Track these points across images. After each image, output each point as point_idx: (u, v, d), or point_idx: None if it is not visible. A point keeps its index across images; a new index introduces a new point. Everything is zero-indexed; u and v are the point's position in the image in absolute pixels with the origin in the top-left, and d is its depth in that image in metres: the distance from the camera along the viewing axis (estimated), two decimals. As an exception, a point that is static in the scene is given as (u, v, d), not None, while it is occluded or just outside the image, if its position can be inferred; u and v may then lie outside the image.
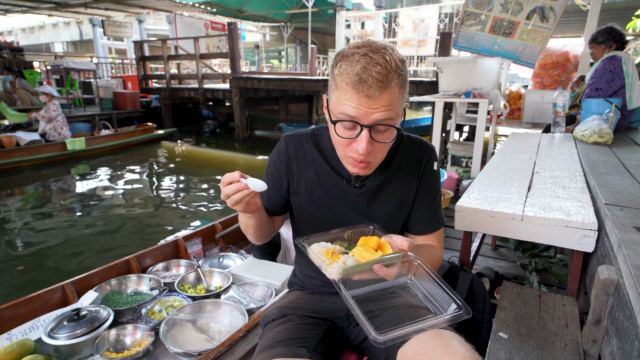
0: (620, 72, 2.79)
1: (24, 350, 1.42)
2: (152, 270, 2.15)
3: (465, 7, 3.95)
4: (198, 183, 6.21)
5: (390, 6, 11.83)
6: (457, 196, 3.33)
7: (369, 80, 0.75)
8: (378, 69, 0.75)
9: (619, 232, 1.07)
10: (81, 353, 1.51)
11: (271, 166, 1.04)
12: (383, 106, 0.78)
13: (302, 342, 0.91)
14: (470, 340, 0.86)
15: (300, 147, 1.02)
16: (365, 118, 0.79)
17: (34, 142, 6.59)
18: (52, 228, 4.29)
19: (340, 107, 0.81)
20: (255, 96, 9.47)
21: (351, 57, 0.78)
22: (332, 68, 0.84)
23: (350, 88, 0.78)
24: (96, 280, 1.93)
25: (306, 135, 1.03)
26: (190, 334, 1.57)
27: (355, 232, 0.90)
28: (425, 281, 0.82)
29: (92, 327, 1.55)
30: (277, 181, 1.03)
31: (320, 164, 1.00)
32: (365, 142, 0.80)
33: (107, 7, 10.97)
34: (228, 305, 1.73)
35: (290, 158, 1.01)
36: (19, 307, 1.66)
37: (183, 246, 2.37)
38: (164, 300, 1.82)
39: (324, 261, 0.76)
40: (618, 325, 0.93)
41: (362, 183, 0.99)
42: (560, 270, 2.10)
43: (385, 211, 1.00)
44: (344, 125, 0.82)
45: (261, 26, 20.13)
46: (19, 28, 23.12)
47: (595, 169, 1.82)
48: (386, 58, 0.77)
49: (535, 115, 4.60)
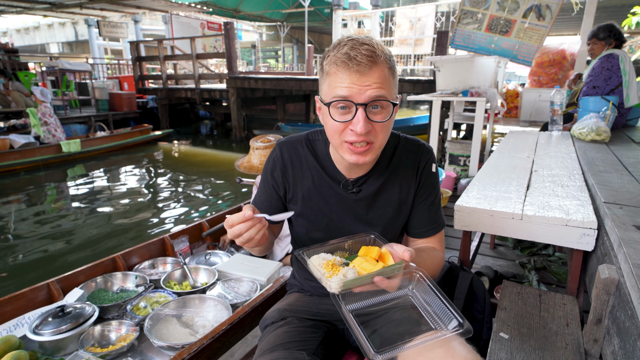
0: (618, 70, 2.80)
1: (8, 346, 1.43)
2: (138, 268, 2.16)
3: (462, 6, 3.94)
4: (192, 183, 6.20)
5: (387, 5, 11.83)
6: (455, 195, 3.32)
7: (358, 56, 0.76)
8: (365, 47, 0.78)
9: (619, 230, 1.07)
10: (66, 349, 1.53)
11: (267, 174, 1.02)
12: (375, 82, 0.78)
13: (301, 345, 0.90)
14: (470, 341, 0.85)
15: (295, 154, 0.99)
16: (358, 96, 0.78)
17: (29, 145, 6.54)
18: (41, 228, 4.29)
19: (333, 91, 0.81)
20: (252, 96, 9.45)
21: (337, 46, 0.81)
22: (321, 65, 0.86)
23: (340, 68, 0.79)
24: (82, 278, 1.94)
25: (300, 140, 1.01)
26: (175, 329, 1.61)
27: (355, 242, 0.88)
28: (427, 293, 0.80)
29: (77, 323, 1.57)
30: (274, 190, 1.01)
31: (316, 170, 0.98)
32: (362, 120, 0.79)
33: (102, 8, 10.91)
34: (213, 300, 1.76)
35: (285, 165, 0.99)
36: (4, 305, 1.67)
37: (170, 244, 2.38)
38: (150, 296, 1.84)
39: (323, 274, 0.74)
40: (619, 324, 0.93)
41: (359, 188, 0.96)
42: (559, 269, 2.10)
43: (385, 216, 0.98)
44: (338, 108, 0.81)
45: (258, 26, 20.10)
46: (14, 29, 22.96)
47: (593, 167, 1.82)
48: (372, 41, 0.80)
49: (533, 113, 4.60)
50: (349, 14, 9.31)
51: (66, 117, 8.56)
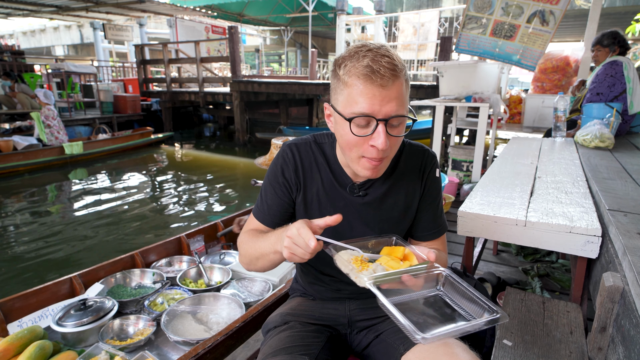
0: (622, 77, 2.79)
1: (33, 336, 1.50)
2: (155, 265, 2.24)
3: (466, 11, 3.96)
4: (199, 185, 6.22)
5: (391, 10, 11.87)
6: (457, 200, 3.32)
7: (381, 70, 0.74)
8: (387, 60, 0.76)
9: (624, 238, 1.06)
10: (87, 340, 1.61)
11: (277, 176, 0.97)
12: (396, 98, 0.77)
13: (304, 349, 0.90)
14: (473, 347, 0.85)
15: (305, 155, 0.97)
16: (379, 112, 0.77)
17: (32, 147, 6.59)
18: (59, 227, 4.40)
19: (352, 105, 0.78)
20: (255, 100, 9.48)
21: (355, 55, 0.78)
22: (335, 72, 0.83)
23: (362, 81, 0.76)
24: (102, 274, 2.03)
25: (309, 142, 0.99)
26: (190, 325, 1.66)
27: (378, 242, 0.89)
28: (456, 292, 0.81)
29: (98, 316, 1.65)
30: (287, 191, 0.97)
31: (325, 173, 0.96)
32: (383, 136, 0.77)
33: (108, 11, 11.00)
34: (227, 298, 1.82)
35: (297, 166, 0.96)
36: (29, 297, 1.76)
37: (186, 243, 2.46)
38: (166, 293, 1.91)
39: (352, 269, 0.75)
40: (624, 333, 0.92)
41: (365, 192, 0.96)
42: (562, 276, 2.09)
43: (390, 220, 0.98)
44: (357, 123, 0.79)
45: (262, 30, 20.20)
46: (20, 31, 23.17)
47: (597, 174, 1.82)
48: (390, 52, 0.78)
49: (536, 119, 4.60)
50: (353, 19, 9.35)
51: (71, 119, 8.61)
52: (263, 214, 0.99)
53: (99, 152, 7.63)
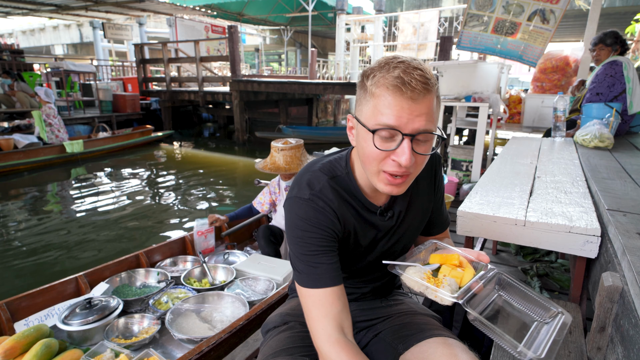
0: (621, 77, 2.79)
1: (39, 334, 1.53)
2: (160, 265, 2.27)
3: (467, 10, 3.97)
4: (200, 184, 6.23)
5: (390, 10, 11.86)
6: (457, 200, 3.32)
7: (412, 82, 0.70)
8: (419, 72, 0.72)
9: (623, 238, 1.06)
10: (92, 339, 1.64)
11: (319, 231, 0.82)
12: (425, 113, 0.73)
13: (305, 350, 0.89)
14: (472, 347, 0.85)
15: (331, 198, 0.85)
16: (406, 126, 0.72)
17: (32, 145, 6.58)
18: (62, 225, 4.41)
19: (378, 117, 0.73)
20: (255, 99, 9.48)
21: (386, 66, 0.73)
22: (362, 83, 0.78)
23: (391, 92, 0.71)
24: (107, 273, 2.06)
25: (326, 185, 0.86)
26: (194, 323, 1.68)
27: (426, 251, 0.92)
28: (515, 290, 0.82)
29: (103, 315, 1.67)
30: (334, 240, 0.85)
31: (352, 208, 0.89)
32: (408, 152, 0.73)
33: (107, 10, 10.98)
34: (230, 297, 1.84)
35: (334, 210, 0.84)
36: (36, 297, 1.79)
37: (190, 243, 2.47)
38: (171, 292, 1.93)
39: (427, 287, 0.77)
40: (623, 333, 0.92)
41: (392, 211, 0.93)
42: (561, 276, 2.09)
43: (412, 227, 0.98)
44: (382, 135, 0.74)
45: (261, 29, 20.19)
46: (20, 30, 23.13)
47: (596, 173, 1.82)
48: (423, 66, 0.74)
49: (536, 119, 4.60)
50: (353, 19, 9.35)
51: (70, 117, 8.61)
52: (329, 276, 0.81)
53: (100, 151, 7.64)
